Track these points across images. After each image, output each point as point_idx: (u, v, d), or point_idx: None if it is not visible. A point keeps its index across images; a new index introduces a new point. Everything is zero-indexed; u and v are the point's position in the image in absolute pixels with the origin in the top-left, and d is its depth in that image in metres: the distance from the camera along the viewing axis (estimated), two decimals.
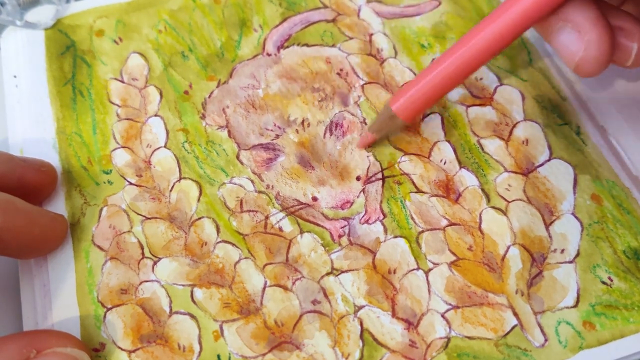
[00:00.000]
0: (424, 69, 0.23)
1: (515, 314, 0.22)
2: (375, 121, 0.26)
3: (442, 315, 0.22)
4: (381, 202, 0.25)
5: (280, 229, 0.24)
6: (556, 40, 0.22)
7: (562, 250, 0.24)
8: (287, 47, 0.29)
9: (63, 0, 0.30)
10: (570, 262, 0.24)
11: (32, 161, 0.24)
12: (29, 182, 0.23)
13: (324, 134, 0.27)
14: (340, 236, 0.24)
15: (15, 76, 0.28)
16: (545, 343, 0.22)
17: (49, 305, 0.23)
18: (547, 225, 0.24)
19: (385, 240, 0.24)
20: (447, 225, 0.24)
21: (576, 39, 0.21)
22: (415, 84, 0.23)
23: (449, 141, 0.26)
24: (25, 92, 0.28)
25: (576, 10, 0.21)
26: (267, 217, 0.25)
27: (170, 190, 0.25)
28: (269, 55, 0.29)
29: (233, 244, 0.24)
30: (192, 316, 0.22)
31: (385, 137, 0.26)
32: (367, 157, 0.26)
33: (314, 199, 0.25)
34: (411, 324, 0.22)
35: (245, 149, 0.26)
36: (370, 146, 0.26)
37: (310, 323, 0.22)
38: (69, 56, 0.29)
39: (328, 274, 0.23)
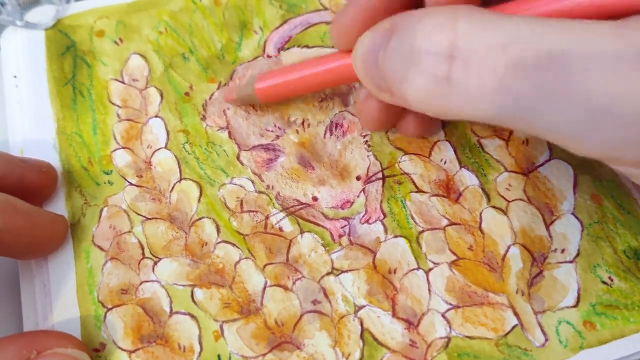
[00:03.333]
0: (295, 65, 0.25)
1: (516, 314, 0.22)
2: (240, 91, 0.26)
3: (443, 315, 0.22)
4: (381, 201, 0.25)
5: (281, 229, 0.24)
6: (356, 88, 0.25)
7: (563, 250, 0.24)
8: (288, 48, 0.29)
9: (63, 1, 0.30)
10: (571, 261, 0.24)
11: (32, 162, 0.24)
12: (29, 183, 0.23)
13: (324, 134, 0.27)
14: (340, 236, 0.24)
15: (15, 76, 0.28)
16: (545, 343, 0.22)
17: (49, 306, 0.23)
18: (548, 225, 0.24)
19: (385, 240, 0.24)
20: (448, 225, 0.24)
21: (365, 95, 0.24)
22: (281, 75, 0.25)
23: (449, 141, 0.26)
24: (25, 92, 0.28)
25: None
26: (267, 217, 0.25)
27: (171, 191, 0.25)
28: (269, 57, 0.29)
29: (233, 244, 0.24)
30: (193, 316, 0.22)
31: (244, 104, 0.27)
32: (367, 156, 0.26)
33: (314, 198, 0.25)
34: (411, 324, 0.22)
35: (245, 150, 0.26)
36: (230, 102, 0.27)
37: (311, 323, 0.22)
38: (69, 56, 0.29)
39: (328, 273, 0.23)
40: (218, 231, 0.24)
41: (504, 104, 0.16)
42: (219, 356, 0.22)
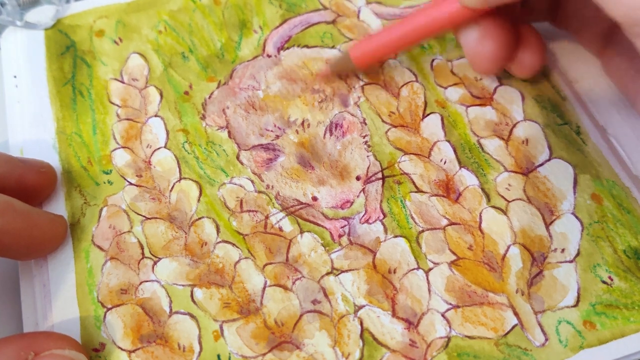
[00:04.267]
0: (385, 28, 0.27)
1: (516, 314, 0.22)
2: (336, 63, 0.28)
3: (443, 315, 0.22)
4: (381, 201, 0.25)
5: (280, 229, 0.24)
6: (461, 35, 0.25)
7: (563, 250, 0.24)
8: (287, 48, 0.29)
9: (63, 1, 0.30)
10: (571, 261, 0.24)
11: (31, 162, 0.24)
12: (28, 183, 0.23)
13: (324, 134, 0.27)
14: (340, 236, 0.24)
15: (15, 76, 0.28)
16: (545, 342, 0.22)
17: (49, 306, 0.23)
18: (548, 225, 0.24)
19: (385, 240, 0.24)
20: (447, 225, 0.24)
21: (478, 37, 0.24)
22: (375, 39, 0.26)
23: (449, 141, 0.26)
24: (25, 92, 0.28)
25: (489, 15, 0.23)
26: (267, 217, 0.25)
27: (170, 191, 0.25)
28: (269, 56, 0.29)
29: (233, 244, 0.24)
30: (192, 316, 0.22)
31: (339, 75, 0.28)
32: (367, 156, 0.26)
33: (314, 198, 0.25)
34: (411, 324, 0.22)
35: (245, 150, 0.26)
36: (327, 81, 0.28)
37: (311, 323, 0.22)
38: (69, 56, 0.29)
39: (328, 273, 0.23)
40: (218, 231, 0.24)
41: None
42: (218, 356, 0.22)
